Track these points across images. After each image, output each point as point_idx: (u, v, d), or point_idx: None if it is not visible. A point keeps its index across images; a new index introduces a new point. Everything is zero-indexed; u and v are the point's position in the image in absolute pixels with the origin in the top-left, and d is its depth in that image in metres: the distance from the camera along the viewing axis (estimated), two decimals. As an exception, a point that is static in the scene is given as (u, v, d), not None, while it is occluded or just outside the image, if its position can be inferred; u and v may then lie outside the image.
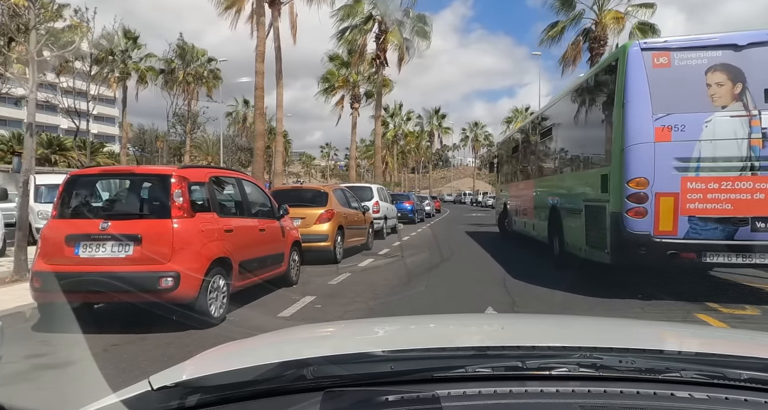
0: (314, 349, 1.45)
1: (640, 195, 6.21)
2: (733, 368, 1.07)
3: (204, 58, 40.05)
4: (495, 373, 1.07)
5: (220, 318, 5.37)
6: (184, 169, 5.28)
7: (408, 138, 67.35)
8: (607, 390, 1.01)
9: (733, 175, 6.12)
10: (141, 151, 59.52)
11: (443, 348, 1.32)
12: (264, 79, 18.49)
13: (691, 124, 6.17)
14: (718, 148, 6.14)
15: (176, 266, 4.74)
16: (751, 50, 6.18)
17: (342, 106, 33.42)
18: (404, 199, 24.48)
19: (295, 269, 7.83)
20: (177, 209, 4.91)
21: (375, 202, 15.62)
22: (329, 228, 10.09)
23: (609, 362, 1.08)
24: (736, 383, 1.03)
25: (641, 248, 6.24)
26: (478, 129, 79.57)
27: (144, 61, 34.50)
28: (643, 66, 6.28)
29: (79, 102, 28.76)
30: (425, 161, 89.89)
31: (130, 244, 4.71)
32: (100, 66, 29.02)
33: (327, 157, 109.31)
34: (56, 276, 4.55)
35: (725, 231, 6.12)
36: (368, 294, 7.26)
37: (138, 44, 33.70)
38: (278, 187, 12.42)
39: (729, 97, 6.20)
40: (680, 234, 6.17)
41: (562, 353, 1.18)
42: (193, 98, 40.75)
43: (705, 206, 6.16)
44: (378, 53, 25.35)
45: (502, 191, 17.09)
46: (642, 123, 6.23)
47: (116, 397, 1.07)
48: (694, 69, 6.26)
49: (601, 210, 6.88)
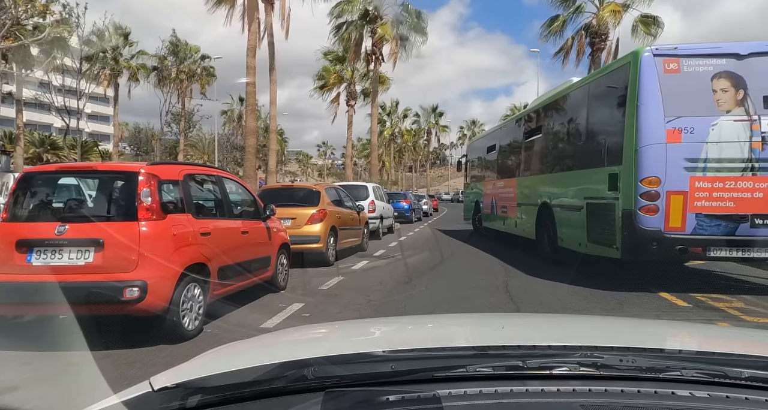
0: (315, 349, 1.46)
1: (653, 193, 6.54)
2: (734, 366, 1.07)
3: (197, 55, 39.49)
4: (496, 373, 1.06)
5: (196, 330, 4.84)
6: (154, 166, 4.74)
7: (405, 136, 66.79)
8: (608, 389, 1.01)
9: (736, 175, 6.55)
10: (137, 150, 59.13)
11: (444, 347, 1.32)
12: (256, 74, 18.00)
13: (699, 127, 6.53)
14: (723, 149, 6.54)
15: (143, 274, 4.22)
16: (752, 59, 6.61)
17: (338, 103, 32.83)
18: (401, 198, 24.00)
19: (283, 273, 7.31)
20: (145, 210, 4.39)
21: (370, 201, 15.11)
22: (321, 229, 9.57)
23: (610, 361, 1.09)
24: (737, 381, 1.03)
25: (653, 243, 6.59)
26: (475, 127, 79.09)
27: (136, 58, 33.80)
28: (656, 71, 6.61)
29: (70, 100, 28.26)
30: (422, 159, 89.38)
31: (91, 250, 4.19)
32: (91, 63, 28.50)
33: (324, 156, 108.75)
34: (4, 287, 4.02)
35: (728, 228, 6.54)
36: (361, 300, 6.77)
37: (129, 41, 32.98)
38: (268, 186, 11.87)
39: (732, 102, 6.61)
40: (688, 230, 6.56)
41: (563, 352, 1.18)
42: (187, 96, 40.25)
43: (711, 204, 6.56)
44: (374, 49, 24.75)
45: (473, 189, 17.19)
46: (655, 125, 6.55)
47: (117, 398, 1.07)
48: (701, 75, 6.65)
49: (609, 208, 7.21)
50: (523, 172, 11.65)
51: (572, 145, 9.07)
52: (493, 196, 14.08)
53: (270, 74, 21.52)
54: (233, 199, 6.14)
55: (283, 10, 21.46)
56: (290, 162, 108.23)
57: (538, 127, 10.77)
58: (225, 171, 6.23)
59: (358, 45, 24.55)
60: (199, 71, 39.34)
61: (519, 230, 11.69)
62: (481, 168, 16.38)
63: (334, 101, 32.28)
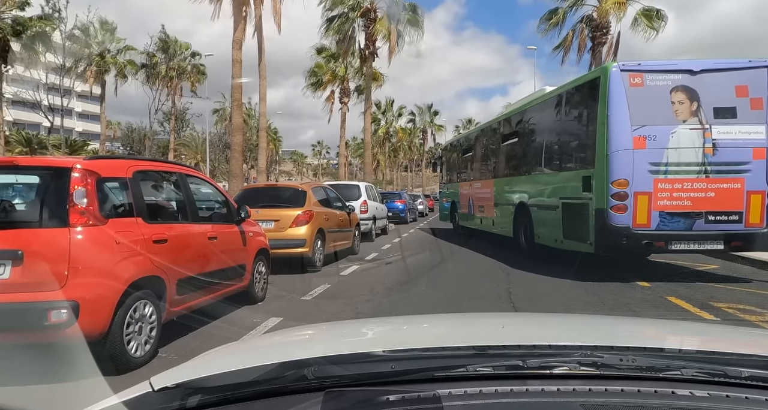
0: (315, 349, 1.45)
1: (622, 193, 7.27)
2: (734, 366, 1.07)
3: (187, 52, 38.57)
4: (496, 372, 1.06)
5: (147, 356, 4.07)
6: (94, 161, 3.94)
7: (400, 135, 65.93)
8: (608, 389, 1.00)
9: (692, 177, 7.34)
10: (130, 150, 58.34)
11: (444, 347, 1.31)
12: (242, 68, 17.08)
13: (661, 135, 7.30)
14: (681, 154, 7.32)
15: (74, 292, 3.44)
16: (703, 75, 7.40)
17: (332, 101, 31.97)
18: (395, 198, 23.27)
19: (261, 283, 6.54)
20: (78, 214, 3.61)
21: (363, 201, 14.36)
22: (307, 232, 8.80)
23: (610, 360, 1.08)
24: (737, 381, 1.03)
25: (623, 239, 7.31)
26: (471, 126, 78.37)
27: (122, 53, 32.75)
28: (623, 84, 7.33)
29: (54, 97, 27.35)
30: (418, 159, 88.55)
31: (7, 264, 3.40)
32: (75, 59, 27.58)
33: (319, 155, 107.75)
34: None
35: (686, 224, 7.36)
36: (349, 312, 6.03)
37: (116, 37, 31.97)
38: (250, 186, 11.05)
39: (688, 113, 7.38)
40: (653, 227, 7.33)
41: (563, 352, 1.17)
42: (177, 94, 39.36)
43: (671, 203, 7.35)
44: (367, 43, 23.89)
45: (449, 190, 17.73)
46: (623, 133, 7.27)
47: (117, 398, 1.06)
48: (662, 88, 7.40)
49: (583, 208, 7.92)
50: (500, 173, 12.23)
51: (547, 149, 9.63)
52: (470, 196, 14.55)
53: (259, 69, 20.72)
54: (200, 200, 5.36)
55: (275, 3, 20.65)
56: (285, 161, 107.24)
57: (515, 132, 11.36)
58: (188, 167, 5.41)
59: (351, 39, 23.64)
60: (190, 69, 38.42)
61: (496, 228, 12.28)
62: (457, 169, 16.81)
63: (328, 99, 31.42)
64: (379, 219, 16.04)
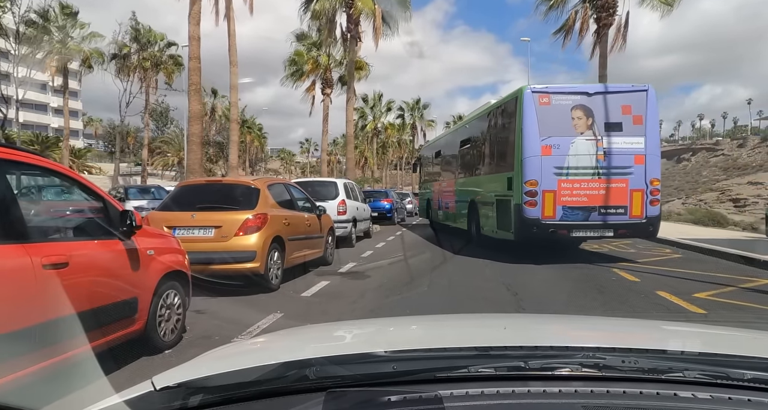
0: (316, 349, 1.44)
1: (533, 191, 8.90)
2: (737, 368, 1.06)
3: (163, 43, 36.30)
4: (497, 373, 1.06)
5: None
6: None
7: (388, 131, 63.83)
8: (610, 391, 1.00)
9: (587, 178, 9.01)
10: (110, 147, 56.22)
11: (445, 348, 1.30)
12: (200, 46, 14.92)
13: (563, 144, 8.97)
14: (579, 160, 8.98)
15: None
16: (595, 97, 9.11)
17: (313, 93, 29.81)
18: (381, 197, 21.34)
19: (172, 321, 4.51)
20: None
21: (340, 200, 12.39)
22: (258, 242, 6.75)
23: (612, 362, 1.07)
24: (740, 383, 1.01)
25: (534, 228, 8.96)
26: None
27: (87, 40, 30.31)
28: (533, 104, 8.96)
29: (7, 86, 25.00)
30: (408, 157, 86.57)
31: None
32: (31, 45, 25.26)
33: (307, 153, 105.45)
34: None
35: (583, 215, 9.01)
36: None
37: (79, 22, 29.47)
38: (186, 182, 8.89)
39: (584, 127, 9.06)
40: (558, 218, 8.98)
41: (565, 353, 1.17)
42: (152, 86, 37.11)
43: (572, 199, 8.99)
44: (349, 25, 21.75)
45: (426, 189, 18.98)
46: (534, 142, 8.93)
47: (119, 398, 1.05)
48: (564, 107, 9.07)
49: (507, 203, 9.48)
50: (458, 175, 13.87)
51: (487, 154, 11.28)
52: (440, 195, 16.06)
53: (229, 54, 18.65)
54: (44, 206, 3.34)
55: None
56: (273, 159, 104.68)
57: (467, 139, 13.03)
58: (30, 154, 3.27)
59: (332, 21, 21.52)
60: (165, 59, 36.15)
61: (458, 223, 13.61)
62: (431, 171, 18.32)
63: (309, 90, 29.24)
64: (361, 222, 14.08)
